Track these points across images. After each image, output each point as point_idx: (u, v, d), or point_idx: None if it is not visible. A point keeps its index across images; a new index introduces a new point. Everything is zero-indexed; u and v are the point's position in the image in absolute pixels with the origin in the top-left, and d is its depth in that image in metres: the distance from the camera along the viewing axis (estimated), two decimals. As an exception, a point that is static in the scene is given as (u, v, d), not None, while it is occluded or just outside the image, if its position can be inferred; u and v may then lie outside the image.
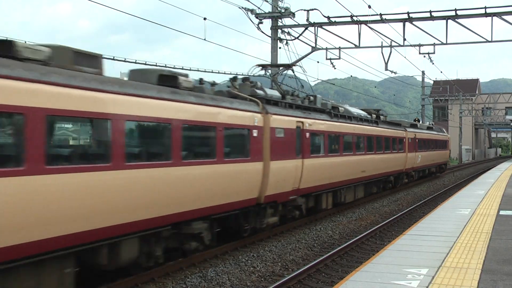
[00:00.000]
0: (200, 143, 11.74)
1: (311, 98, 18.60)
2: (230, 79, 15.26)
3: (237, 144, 12.86)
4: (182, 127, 10.48)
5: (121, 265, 9.54)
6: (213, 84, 13.35)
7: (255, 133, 13.31)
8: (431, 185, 34.75)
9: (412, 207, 22.02)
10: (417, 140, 32.02)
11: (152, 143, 10.35)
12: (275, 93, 15.74)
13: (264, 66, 20.00)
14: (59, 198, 7.81)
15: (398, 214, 19.77)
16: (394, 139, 27.30)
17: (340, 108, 21.48)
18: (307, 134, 16.35)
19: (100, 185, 8.50)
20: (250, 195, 13.17)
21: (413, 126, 34.04)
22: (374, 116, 26.27)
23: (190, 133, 10.98)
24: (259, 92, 14.55)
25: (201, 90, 12.06)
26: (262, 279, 11.15)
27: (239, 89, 14.41)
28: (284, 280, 10.48)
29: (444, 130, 46.77)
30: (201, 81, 12.70)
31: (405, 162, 29.39)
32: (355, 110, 24.15)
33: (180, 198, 10.45)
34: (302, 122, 16.04)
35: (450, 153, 47.16)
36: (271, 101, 14.74)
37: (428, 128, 38.90)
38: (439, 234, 11.33)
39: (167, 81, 10.88)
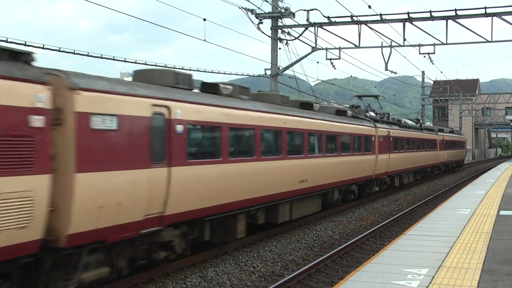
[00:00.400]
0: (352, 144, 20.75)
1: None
2: (351, 106, 25.80)
3: (365, 143, 22.45)
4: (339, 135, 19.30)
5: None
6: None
7: (373, 138, 23.65)
8: (431, 185, 34.74)
9: (412, 207, 22.02)
10: (444, 141, 42.12)
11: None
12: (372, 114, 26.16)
13: (360, 97, 28.88)
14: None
15: (398, 214, 19.77)
16: (431, 141, 37.34)
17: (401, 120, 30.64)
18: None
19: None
20: (369, 172, 23.07)
21: (441, 130, 43.81)
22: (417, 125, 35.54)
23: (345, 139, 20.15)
24: (371, 114, 25.86)
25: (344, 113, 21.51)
26: (262, 279, 11.15)
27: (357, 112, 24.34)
28: (284, 280, 10.48)
29: (462, 132, 59.42)
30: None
31: (437, 157, 39.27)
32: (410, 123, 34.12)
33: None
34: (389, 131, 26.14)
35: (466, 152, 59.76)
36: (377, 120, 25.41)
37: (450, 131, 49.79)
38: (439, 234, 11.33)
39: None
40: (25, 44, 12.71)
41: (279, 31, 24.64)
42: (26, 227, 7.25)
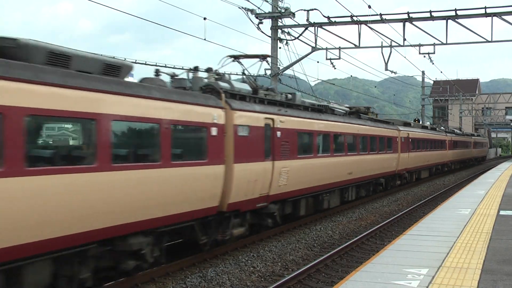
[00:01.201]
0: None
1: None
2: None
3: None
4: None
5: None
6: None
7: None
8: (431, 185, 34.74)
9: (412, 207, 22.02)
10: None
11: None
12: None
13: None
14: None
15: (398, 214, 19.77)
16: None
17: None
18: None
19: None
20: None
21: (472, 135, 56.83)
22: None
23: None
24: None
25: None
26: (262, 279, 11.15)
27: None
28: (284, 280, 10.48)
29: (484, 135, 72.25)
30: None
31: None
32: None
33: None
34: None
35: (487, 150, 72.62)
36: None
37: (478, 135, 64.81)
38: (439, 234, 11.33)
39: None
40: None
41: (279, 31, 24.64)
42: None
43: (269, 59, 19.98)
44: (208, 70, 13.32)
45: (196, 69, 12.82)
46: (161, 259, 10.60)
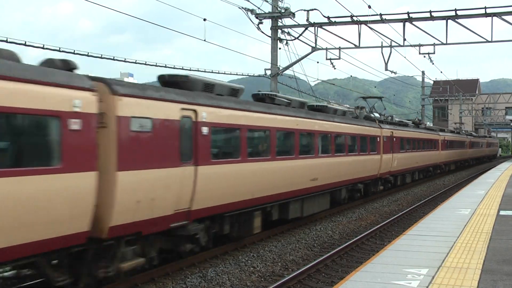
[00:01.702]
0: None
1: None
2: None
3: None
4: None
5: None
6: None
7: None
8: (431, 185, 34.74)
9: (412, 207, 22.02)
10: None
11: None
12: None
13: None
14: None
15: (398, 214, 19.77)
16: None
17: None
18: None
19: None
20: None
21: (485, 136, 60.72)
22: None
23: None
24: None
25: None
26: (262, 279, 11.15)
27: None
28: (284, 280, 10.48)
29: (495, 136, 78.99)
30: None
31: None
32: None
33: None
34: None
35: (498, 149, 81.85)
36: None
37: (490, 137, 71.24)
38: (439, 234, 11.33)
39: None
40: (25, 44, 12.71)
41: (279, 31, 24.64)
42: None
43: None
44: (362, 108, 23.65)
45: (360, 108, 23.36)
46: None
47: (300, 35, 25.05)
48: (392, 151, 26.07)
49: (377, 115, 28.15)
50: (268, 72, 24.97)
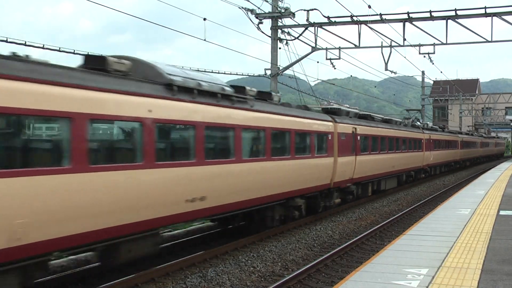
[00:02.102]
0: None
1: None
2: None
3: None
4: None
5: None
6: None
7: (423, 140, 33.29)
8: (431, 185, 34.75)
9: (412, 207, 22.02)
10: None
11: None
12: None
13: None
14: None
15: (398, 214, 19.77)
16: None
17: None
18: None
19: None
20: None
21: (493, 137, 67.42)
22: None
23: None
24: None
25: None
26: (262, 279, 11.16)
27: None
28: (284, 280, 10.48)
29: (502, 137, 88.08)
30: None
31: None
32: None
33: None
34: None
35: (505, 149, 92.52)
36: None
37: (498, 138, 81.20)
38: (439, 234, 11.33)
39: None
40: (25, 44, 12.70)
41: (279, 31, 24.64)
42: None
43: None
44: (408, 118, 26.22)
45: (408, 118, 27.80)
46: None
47: (300, 35, 25.06)
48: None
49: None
50: (268, 72, 24.98)
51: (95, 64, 9.45)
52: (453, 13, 24.63)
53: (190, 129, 10.77)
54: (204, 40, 19.65)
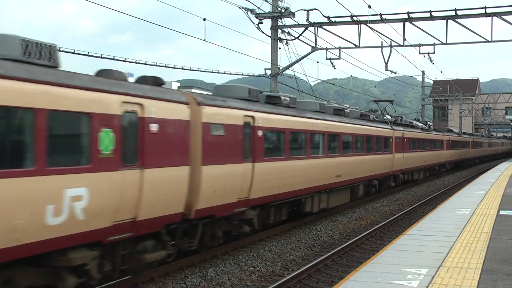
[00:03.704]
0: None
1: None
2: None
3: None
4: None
5: None
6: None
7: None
8: (431, 185, 34.75)
9: (412, 207, 22.02)
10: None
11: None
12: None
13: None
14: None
15: (398, 214, 19.77)
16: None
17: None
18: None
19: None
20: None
21: (502, 137, 76.29)
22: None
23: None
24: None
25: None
26: (262, 279, 11.16)
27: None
28: (284, 280, 10.48)
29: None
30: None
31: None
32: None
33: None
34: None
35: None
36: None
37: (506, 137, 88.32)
38: (439, 234, 11.33)
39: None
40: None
41: (279, 31, 24.63)
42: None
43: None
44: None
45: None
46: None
47: (300, 35, 25.04)
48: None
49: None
50: (268, 72, 24.96)
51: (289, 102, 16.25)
52: (453, 13, 24.62)
53: (337, 136, 19.44)
54: (204, 40, 19.66)
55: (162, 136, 9.94)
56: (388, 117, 32.10)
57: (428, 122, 53.77)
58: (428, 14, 24.81)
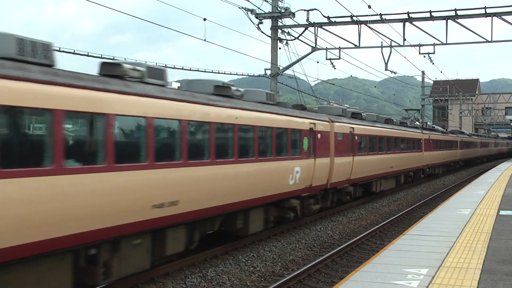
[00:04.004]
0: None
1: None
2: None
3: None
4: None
5: None
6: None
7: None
8: (431, 185, 34.75)
9: (412, 207, 22.02)
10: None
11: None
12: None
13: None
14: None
15: (398, 214, 19.77)
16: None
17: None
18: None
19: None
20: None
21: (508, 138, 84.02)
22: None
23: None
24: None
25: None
26: (262, 279, 11.15)
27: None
28: (284, 280, 10.48)
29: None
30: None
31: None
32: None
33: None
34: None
35: None
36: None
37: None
38: (439, 234, 11.33)
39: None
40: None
41: (279, 31, 24.64)
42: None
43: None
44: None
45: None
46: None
47: (300, 35, 25.05)
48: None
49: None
50: (268, 72, 24.98)
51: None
52: (453, 13, 24.63)
53: (391, 139, 25.89)
54: (204, 40, 19.66)
55: (322, 140, 17.50)
56: (417, 123, 40.42)
57: (428, 123, 53.83)
58: (428, 14, 24.82)
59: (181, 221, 10.54)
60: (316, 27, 25.34)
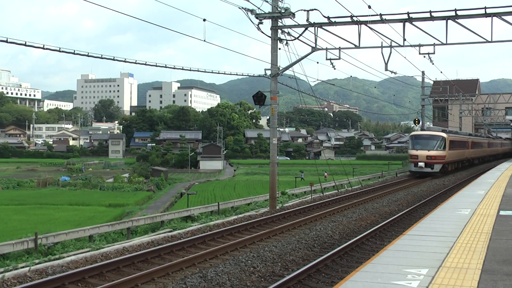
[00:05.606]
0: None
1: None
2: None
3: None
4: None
5: None
6: None
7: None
8: (431, 185, 34.76)
9: (412, 207, 22.02)
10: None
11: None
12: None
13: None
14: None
15: (398, 214, 19.77)
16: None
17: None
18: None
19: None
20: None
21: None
22: None
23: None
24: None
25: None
26: (262, 279, 11.16)
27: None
28: (284, 280, 10.48)
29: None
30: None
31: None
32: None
33: None
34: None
35: None
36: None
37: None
38: (439, 234, 11.33)
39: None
40: (25, 44, 12.72)
41: (279, 31, 24.64)
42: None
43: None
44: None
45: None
46: None
47: (300, 35, 25.05)
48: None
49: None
50: (268, 72, 24.98)
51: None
52: (453, 13, 24.61)
53: (487, 143, 65.76)
54: (204, 40, 19.66)
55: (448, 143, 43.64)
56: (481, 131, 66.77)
57: (428, 123, 54.07)
58: (428, 15, 24.81)
59: None
60: (316, 27, 25.33)
